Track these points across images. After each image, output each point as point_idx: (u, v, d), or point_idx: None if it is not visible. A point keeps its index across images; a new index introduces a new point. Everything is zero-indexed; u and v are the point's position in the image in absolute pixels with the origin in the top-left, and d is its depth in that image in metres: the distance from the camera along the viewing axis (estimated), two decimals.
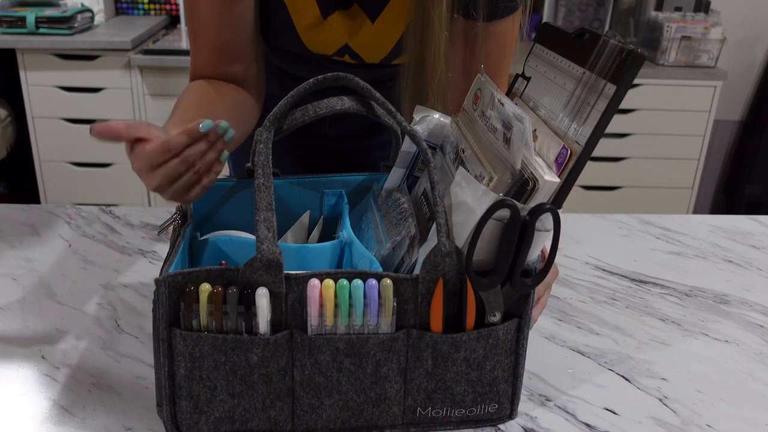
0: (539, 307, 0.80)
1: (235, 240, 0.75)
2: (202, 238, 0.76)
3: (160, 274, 0.61)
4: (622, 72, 0.57)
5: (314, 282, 0.61)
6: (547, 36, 0.70)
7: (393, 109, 0.72)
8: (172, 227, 0.73)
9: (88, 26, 2.60)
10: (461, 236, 0.63)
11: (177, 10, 2.93)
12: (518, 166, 0.61)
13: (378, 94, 0.72)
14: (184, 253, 0.70)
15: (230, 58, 0.89)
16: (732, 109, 2.98)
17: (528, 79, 0.72)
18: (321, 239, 0.83)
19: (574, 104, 0.62)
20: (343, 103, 0.74)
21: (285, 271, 0.61)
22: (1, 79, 2.67)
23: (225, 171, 1.19)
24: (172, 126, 0.75)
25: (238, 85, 0.90)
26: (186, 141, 0.64)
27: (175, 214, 0.73)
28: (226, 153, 0.66)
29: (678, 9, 2.69)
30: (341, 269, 0.73)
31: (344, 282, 0.61)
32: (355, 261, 0.73)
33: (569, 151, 0.60)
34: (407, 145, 0.78)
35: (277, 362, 0.62)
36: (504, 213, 0.60)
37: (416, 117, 0.79)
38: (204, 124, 0.64)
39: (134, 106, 2.53)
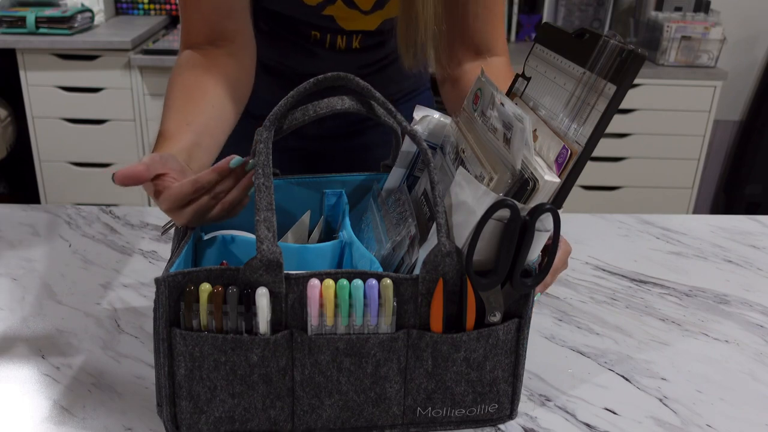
0: (551, 277, 0.79)
1: (239, 239, 0.75)
2: (207, 236, 0.76)
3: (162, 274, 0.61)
4: (623, 72, 0.57)
5: (314, 282, 0.61)
6: (547, 36, 0.70)
7: (393, 109, 0.72)
8: (174, 228, 0.73)
9: (88, 26, 2.60)
10: (461, 236, 0.63)
11: (177, 10, 2.93)
12: (518, 166, 0.61)
13: (378, 94, 0.72)
14: (188, 254, 0.70)
15: (223, 14, 0.89)
16: (732, 109, 2.99)
17: (528, 79, 0.72)
18: (321, 239, 0.83)
19: (575, 104, 0.62)
20: (343, 102, 0.74)
21: (285, 271, 0.61)
22: (1, 79, 2.67)
23: None
24: (172, 131, 0.77)
25: (230, 46, 0.90)
26: (216, 178, 0.67)
27: None
28: (253, 189, 0.68)
29: (678, 9, 2.69)
30: (341, 269, 0.73)
31: (344, 282, 0.61)
32: (355, 261, 0.73)
33: (569, 151, 0.60)
34: (407, 145, 0.78)
35: (277, 362, 0.62)
36: (504, 213, 0.60)
37: (416, 117, 0.79)
38: (234, 161, 0.68)
39: (134, 106, 2.53)
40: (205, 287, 0.60)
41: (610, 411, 0.73)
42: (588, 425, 0.70)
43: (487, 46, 0.97)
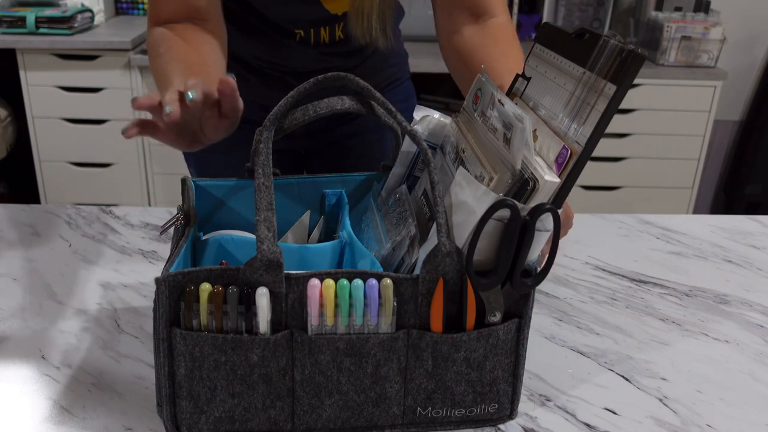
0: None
1: (237, 239, 0.75)
2: (204, 237, 0.76)
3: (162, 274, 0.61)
4: (623, 72, 0.57)
5: (314, 282, 0.61)
6: (547, 36, 0.70)
7: (393, 108, 0.72)
8: (173, 228, 0.73)
9: (88, 26, 2.60)
10: (461, 236, 0.63)
11: None
12: (518, 166, 0.61)
13: (378, 94, 0.72)
14: (187, 254, 0.70)
15: None
16: (732, 109, 2.99)
17: (528, 79, 0.72)
18: (321, 239, 0.83)
19: (575, 104, 0.62)
20: (343, 102, 0.74)
21: (285, 271, 0.61)
22: (1, 79, 2.67)
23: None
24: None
25: (204, 24, 0.89)
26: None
27: (177, 214, 0.73)
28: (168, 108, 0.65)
29: (678, 9, 2.69)
30: (341, 269, 0.73)
31: (344, 282, 0.61)
32: (355, 261, 0.73)
33: (569, 151, 0.60)
34: (407, 145, 0.78)
35: (277, 362, 0.62)
36: (504, 213, 0.60)
37: (416, 117, 0.79)
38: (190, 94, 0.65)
39: None
40: (206, 287, 0.60)
41: (610, 411, 0.73)
42: (588, 425, 0.70)
43: (484, 8, 0.96)
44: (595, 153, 0.60)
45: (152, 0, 0.89)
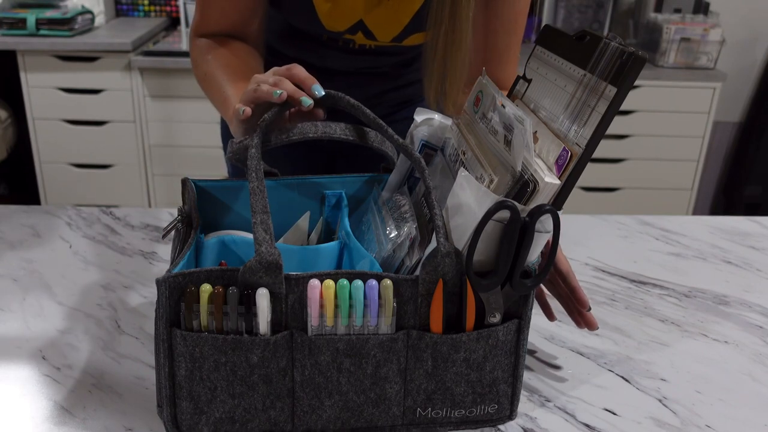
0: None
1: (239, 240, 0.75)
2: (207, 237, 0.76)
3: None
4: (623, 74, 0.57)
5: (314, 282, 0.61)
6: (548, 38, 0.71)
7: (383, 124, 0.72)
8: (175, 230, 0.74)
9: (89, 28, 2.60)
10: (462, 238, 0.63)
11: (177, 11, 2.93)
12: (519, 168, 0.61)
13: (368, 111, 0.73)
14: (191, 259, 0.70)
15: (245, 19, 0.93)
16: (731, 110, 2.99)
17: (529, 81, 0.72)
18: (321, 241, 0.83)
19: (575, 106, 0.62)
20: (316, 129, 0.74)
21: (285, 272, 0.61)
22: (1, 80, 2.67)
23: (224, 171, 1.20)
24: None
25: (241, 39, 0.94)
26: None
27: (178, 216, 0.74)
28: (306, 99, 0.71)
29: (677, 11, 2.69)
30: (341, 270, 0.73)
31: (344, 282, 0.61)
32: (354, 262, 0.73)
33: (569, 153, 0.60)
34: None
35: (277, 363, 0.63)
36: (504, 214, 0.60)
37: (417, 119, 0.79)
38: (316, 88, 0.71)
39: (134, 107, 2.54)
40: (206, 288, 0.60)
41: (609, 411, 0.73)
42: (588, 426, 0.71)
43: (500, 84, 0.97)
44: (595, 154, 0.60)
45: (200, 14, 0.93)
